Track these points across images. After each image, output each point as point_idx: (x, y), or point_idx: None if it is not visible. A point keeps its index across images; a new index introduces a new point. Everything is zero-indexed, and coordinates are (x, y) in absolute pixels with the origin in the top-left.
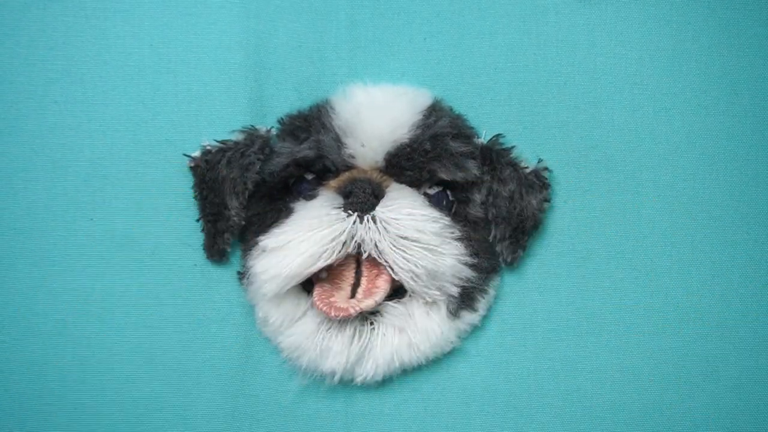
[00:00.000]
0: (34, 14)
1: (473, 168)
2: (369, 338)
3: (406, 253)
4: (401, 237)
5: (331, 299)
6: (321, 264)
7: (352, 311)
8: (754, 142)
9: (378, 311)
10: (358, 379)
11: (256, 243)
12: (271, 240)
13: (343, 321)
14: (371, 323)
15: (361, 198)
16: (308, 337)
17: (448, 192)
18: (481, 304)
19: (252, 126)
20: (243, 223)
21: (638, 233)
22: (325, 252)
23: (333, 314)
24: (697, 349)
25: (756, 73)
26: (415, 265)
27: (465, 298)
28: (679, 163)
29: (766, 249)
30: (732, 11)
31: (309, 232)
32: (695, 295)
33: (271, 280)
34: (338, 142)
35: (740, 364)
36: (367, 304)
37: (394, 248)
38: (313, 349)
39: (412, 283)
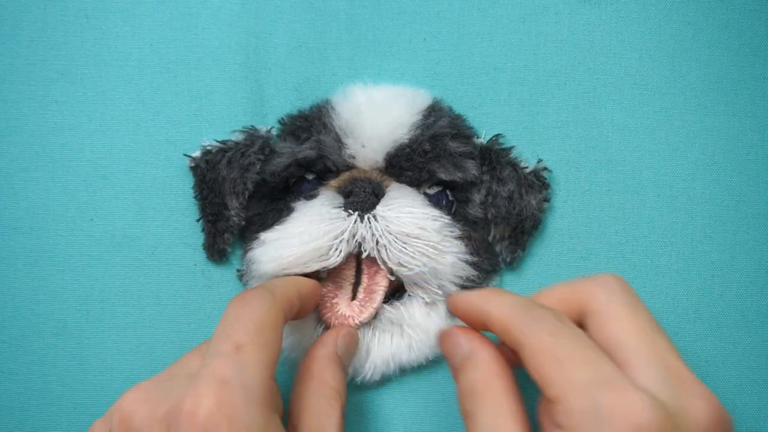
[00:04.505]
0: (34, 14)
1: (472, 168)
2: (370, 339)
3: (407, 249)
4: (402, 233)
5: (334, 301)
6: (330, 261)
7: (351, 323)
8: (754, 142)
9: (378, 312)
10: (357, 379)
11: (257, 238)
12: (271, 234)
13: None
14: (370, 324)
15: (362, 197)
16: (308, 336)
17: (448, 192)
18: None
19: (252, 126)
20: (243, 223)
21: (638, 233)
22: (330, 248)
23: (334, 322)
24: (696, 349)
25: (756, 73)
26: (417, 262)
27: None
28: (679, 163)
29: (766, 249)
30: (732, 11)
31: (310, 227)
32: (695, 295)
33: (270, 262)
34: (339, 142)
35: (740, 364)
36: (366, 316)
37: (395, 245)
38: None
39: (412, 280)
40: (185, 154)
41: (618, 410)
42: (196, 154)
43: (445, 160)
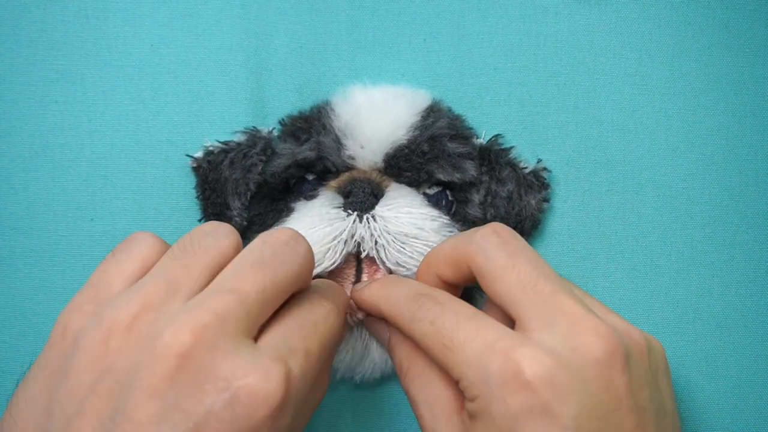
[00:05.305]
0: (34, 14)
1: (471, 169)
2: (368, 336)
3: (406, 249)
4: (401, 233)
5: None
6: (326, 265)
7: (350, 321)
8: (754, 142)
9: None
10: (357, 377)
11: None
12: None
13: None
14: None
15: (361, 198)
16: None
17: (448, 192)
18: (480, 303)
19: (254, 127)
20: (245, 223)
21: (638, 233)
22: (328, 251)
23: None
24: (696, 349)
25: (756, 73)
26: (415, 262)
27: (463, 298)
28: (679, 163)
29: (766, 249)
30: (732, 11)
31: (310, 230)
32: (695, 295)
33: None
34: (338, 143)
35: (740, 364)
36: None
37: (393, 245)
38: None
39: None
40: (188, 155)
41: (505, 372)
42: (199, 154)
43: (443, 161)
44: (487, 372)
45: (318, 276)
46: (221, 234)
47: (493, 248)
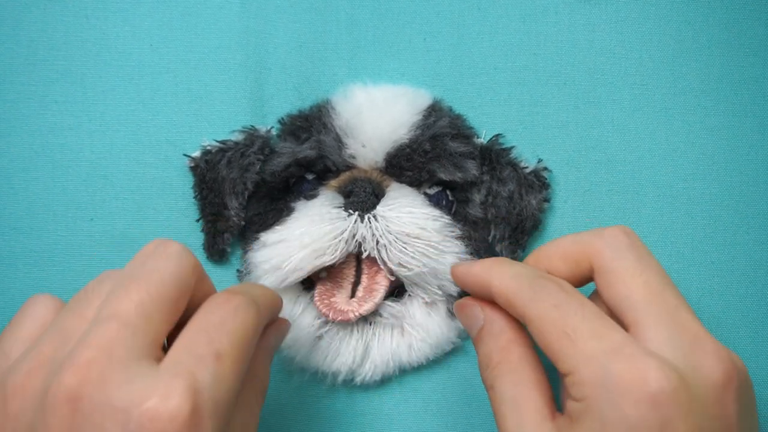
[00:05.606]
0: (34, 14)
1: (472, 168)
2: (369, 338)
3: (408, 250)
4: (403, 233)
5: (332, 299)
6: (325, 259)
7: (351, 316)
8: (754, 142)
9: (377, 311)
10: (357, 379)
11: (257, 239)
12: (272, 235)
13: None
14: (371, 323)
15: (362, 197)
16: (308, 334)
17: (448, 192)
18: None
19: (252, 126)
20: (243, 223)
21: (638, 233)
22: (329, 248)
23: (332, 317)
24: None
25: (756, 73)
26: (417, 262)
27: None
28: (679, 163)
29: (766, 249)
30: (732, 11)
31: (311, 228)
32: (695, 295)
33: (271, 272)
34: (339, 142)
35: None
36: (367, 308)
37: (395, 245)
38: (314, 347)
39: (413, 280)
40: (185, 154)
41: (629, 379)
42: (196, 154)
43: (445, 160)
44: (608, 374)
45: (318, 276)
46: (118, 279)
47: (623, 248)
